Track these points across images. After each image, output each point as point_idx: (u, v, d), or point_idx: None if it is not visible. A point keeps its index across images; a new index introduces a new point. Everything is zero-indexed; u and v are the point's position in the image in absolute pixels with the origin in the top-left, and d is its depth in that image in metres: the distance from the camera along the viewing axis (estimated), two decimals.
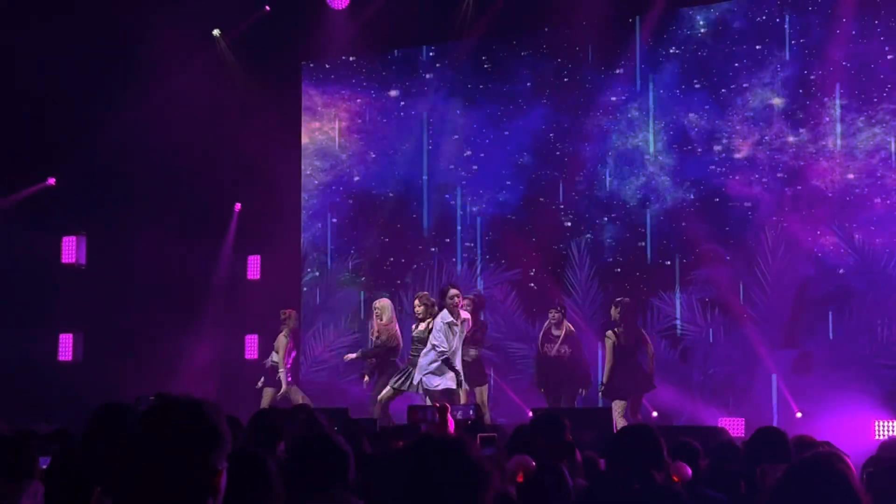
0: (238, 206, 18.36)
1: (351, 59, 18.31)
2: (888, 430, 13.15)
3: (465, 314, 13.14)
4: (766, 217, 15.28)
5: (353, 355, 14.55)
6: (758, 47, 15.51)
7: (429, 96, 17.76)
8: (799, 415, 14.23)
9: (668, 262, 15.83)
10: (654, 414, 14.98)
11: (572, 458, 6.44)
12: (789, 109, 15.28)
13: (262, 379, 15.89)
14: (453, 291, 12.90)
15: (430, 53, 17.88)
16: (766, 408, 14.75)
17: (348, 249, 18.16)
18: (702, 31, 15.95)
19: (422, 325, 13.41)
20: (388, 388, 13.48)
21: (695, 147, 15.86)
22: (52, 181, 17.52)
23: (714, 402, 15.11)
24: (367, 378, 14.30)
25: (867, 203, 14.71)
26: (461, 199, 17.39)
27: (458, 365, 12.82)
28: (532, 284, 16.64)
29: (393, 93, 17.99)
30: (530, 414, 12.86)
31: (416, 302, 13.66)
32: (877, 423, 13.35)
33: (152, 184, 17.04)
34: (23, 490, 5.38)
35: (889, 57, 14.73)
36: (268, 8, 17.65)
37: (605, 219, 16.32)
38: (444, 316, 12.73)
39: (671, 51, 16.09)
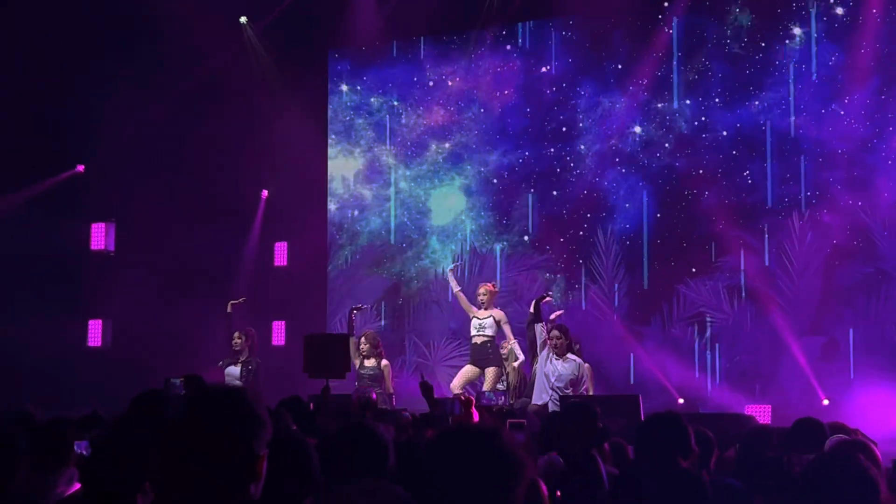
0: (265, 193, 18.43)
1: (378, 46, 18.29)
2: None
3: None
4: (793, 203, 15.23)
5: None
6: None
7: (457, 84, 17.72)
8: (826, 402, 14.18)
9: (695, 250, 15.78)
10: (681, 401, 14.97)
11: (602, 445, 6.46)
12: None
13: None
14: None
15: (459, 40, 17.82)
16: (792, 395, 14.70)
17: (375, 236, 18.18)
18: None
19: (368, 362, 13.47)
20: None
21: (717, 134, 15.82)
22: (81, 168, 17.64)
23: (740, 389, 15.06)
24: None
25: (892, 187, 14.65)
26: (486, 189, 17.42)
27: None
28: (558, 274, 16.65)
29: (421, 80, 17.97)
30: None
31: (363, 339, 13.59)
32: None
33: (180, 171, 17.11)
34: (59, 476, 5.43)
35: None
36: None
37: (630, 206, 16.29)
38: None
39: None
